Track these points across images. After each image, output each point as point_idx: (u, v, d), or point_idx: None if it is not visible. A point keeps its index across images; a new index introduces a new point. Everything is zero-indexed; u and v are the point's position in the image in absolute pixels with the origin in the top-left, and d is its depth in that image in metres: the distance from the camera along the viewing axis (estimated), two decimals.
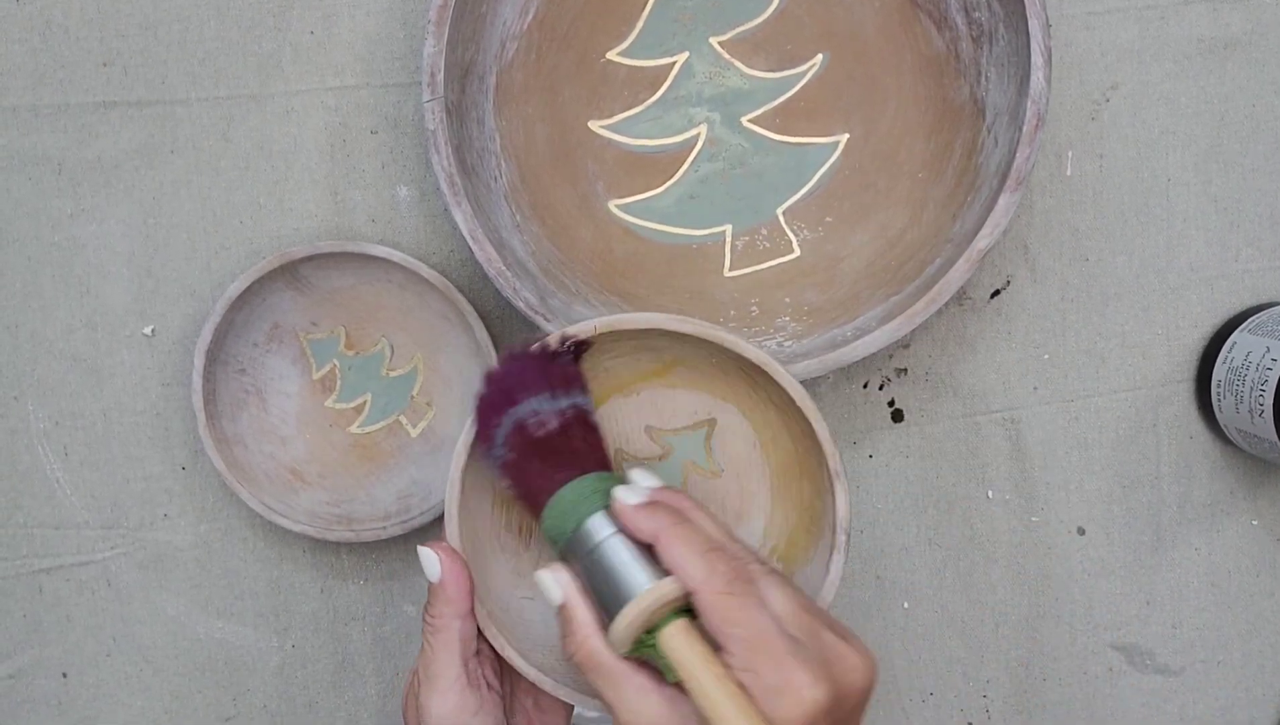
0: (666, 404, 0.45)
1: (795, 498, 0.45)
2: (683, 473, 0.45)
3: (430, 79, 0.48)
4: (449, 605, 0.39)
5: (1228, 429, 0.54)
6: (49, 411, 0.54)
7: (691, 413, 0.45)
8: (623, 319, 0.40)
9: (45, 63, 0.52)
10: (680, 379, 0.44)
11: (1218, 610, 0.57)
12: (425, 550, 0.40)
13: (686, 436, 0.45)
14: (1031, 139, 0.48)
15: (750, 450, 0.45)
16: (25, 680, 0.56)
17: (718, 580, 0.35)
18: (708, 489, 0.46)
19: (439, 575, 0.39)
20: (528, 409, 0.40)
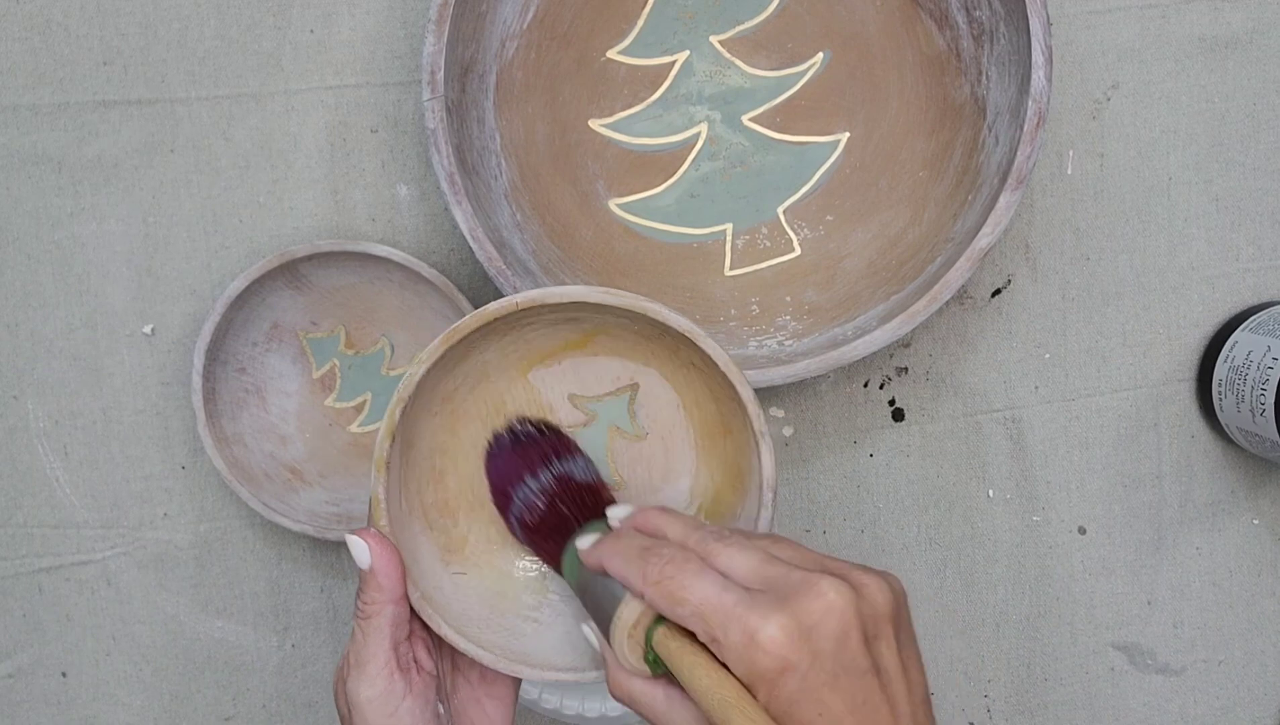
0: (589, 371, 0.44)
1: (720, 456, 0.45)
2: (608, 438, 0.45)
3: (430, 78, 0.48)
4: (380, 592, 0.39)
5: (1229, 428, 0.54)
6: (49, 410, 0.54)
7: (614, 379, 0.45)
8: (545, 293, 0.41)
9: (45, 61, 0.52)
10: (601, 347, 0.44)
11: (1219, 610, 0.57)
12: (354, 538, 0.39)
13: (610, 402, 0.45)
14: (1032, 138, 0.48)
15: (673, 412, 0.45)
16: (25, 679, 0.56)
17: (652, 573, 0.35)
18: (634, 453, 0.45)
19: (369, 562, 0.39)
20: (519, 502, 0.43)
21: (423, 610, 0.41)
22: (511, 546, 0.45)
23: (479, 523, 0.45)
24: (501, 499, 0.44)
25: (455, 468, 0.44)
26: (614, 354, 0.44)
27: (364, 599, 0.39)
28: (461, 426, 0.44)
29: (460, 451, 0.44)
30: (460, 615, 0.42)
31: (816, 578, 0.33)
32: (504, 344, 0.43)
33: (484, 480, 0.44)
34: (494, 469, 0.44)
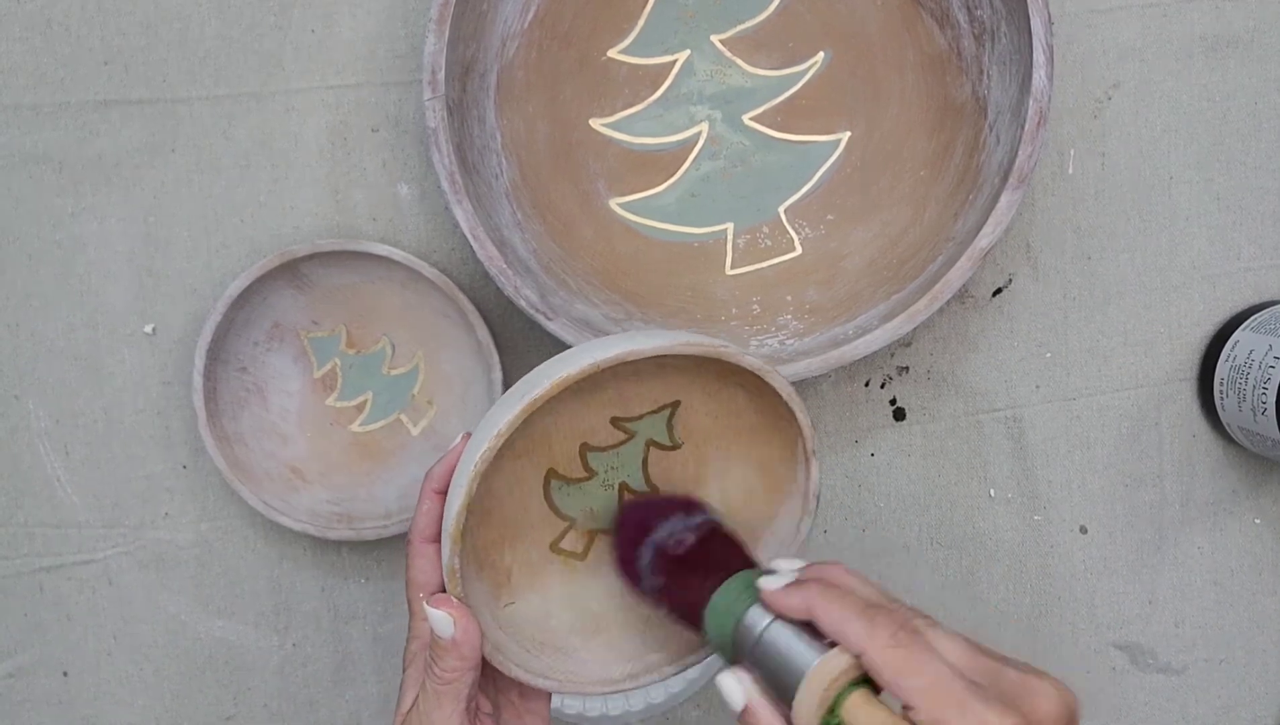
0: (632, 393, 0.45)
1: (755, 461, 0.45)
2: (644, 451, 0.45)
3: (431, 77, 0.48)
4: (462, 660, 0.39)
5: (1230, 427, 0.54)
6: (50, 410, 0.54)
7: (655, 399, 0.45)
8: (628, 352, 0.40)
9: (46, 61, 0.52)
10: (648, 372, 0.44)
11: (1220, 609, 0.57)
12: (436, 612, 0.39)
13: (649, 419, 0.45)
14: (1033, 137, 0.48)
15: (709, 422, 0.45)
16: (26, 679, 0.56)
17: (882, 634, 0.34)
18: (667, 461, 0.46)
19: (452, 634, 0.39)
20: (665, 533, 0.42)
21: (494, 659, 0.41)
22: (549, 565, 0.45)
23: (520, 549, 0.45)
24: (640, 534, 0.42)
25: (500, 504, 0.44)
26: (659, 376, 0.44)
27: (443, 667, 0.39)
28: (507, 463, 0.44)
29: (504, 487, 0.44)
30: (518, 648, 0.42)
31: (1036, 680, 0.33)
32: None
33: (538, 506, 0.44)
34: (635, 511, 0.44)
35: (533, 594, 0.45)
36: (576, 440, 0.45)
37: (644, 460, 0.46)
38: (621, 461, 0.45)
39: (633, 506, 0.44)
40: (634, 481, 0.46)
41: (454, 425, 0.54)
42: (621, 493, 0.45)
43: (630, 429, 0.45)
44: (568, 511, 0.45)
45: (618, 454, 0.45)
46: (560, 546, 0.45)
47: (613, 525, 0.44)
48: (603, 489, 0.46)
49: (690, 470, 0.46)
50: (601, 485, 0.45)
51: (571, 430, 0.45)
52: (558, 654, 0.43)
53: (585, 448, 0.45)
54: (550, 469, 0.45)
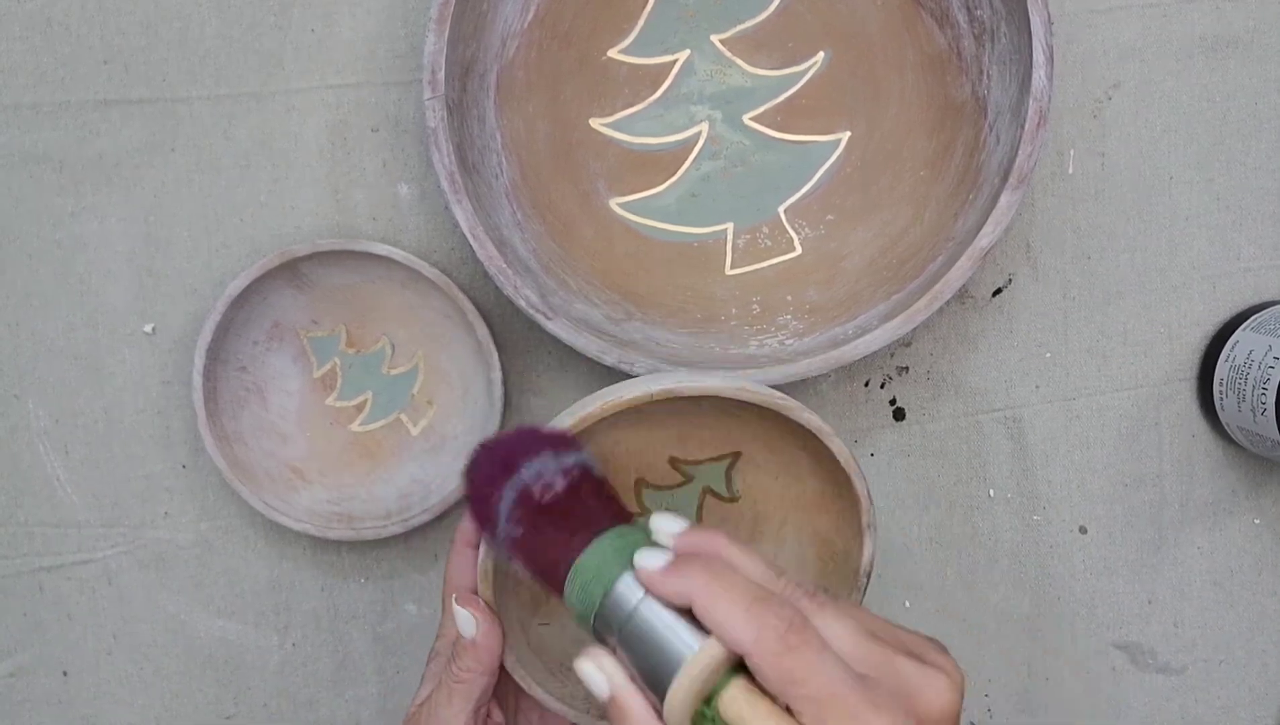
0: (693, 436, 0.44)
1: (810, 529, 0.45)
2: (700, 498, 0.45)
3: (431, 77, 0.48)
4: (479, 663, 0.39)
5: (1230, 427, 0.54)
6: (49, 410, 0.54)
7: (717, 446, 0.44)
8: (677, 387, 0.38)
9: (46, 61, 0.52)
10: (710, 417, 0.43)
11: (1220, 609, 0.57)
12: (462, 610, 0.39)
13: (709, 467, 0.45)
14: (1033, 137, 0.48)
15: (770, 481, 0.45)
16: (26, 678, 0.56)
17: (769, 638, 0.31)
18: (723, 512, 0.45)
19: (474, 634, 0.38)
20: (530, 473, 0.36)
21: (516, 673, 0.40)
22: None
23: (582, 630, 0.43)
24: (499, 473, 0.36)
25: None
26: (721, 422, 0.43)
27: (459, 666, 0.39)
28: None
29: None
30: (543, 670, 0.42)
31: (925, 674, 0.32)
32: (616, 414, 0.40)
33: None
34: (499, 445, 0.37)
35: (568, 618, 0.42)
36: (633, 474, 0.44)
37: (700, 507, 0.45)
38: (677, 504, 0.45)
39: (497, 440, 0.38)
40: None
41: (454, 425, 0.54)
42: None
43: (688, 473, 0.44)
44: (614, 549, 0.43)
45: (673, 496, 0.45)
46: None
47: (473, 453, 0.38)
48: None
49: (745, 526, 0.45)
50: None
51: (628, 463, 0.44)
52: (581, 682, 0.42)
53: (641, 483, 0.44)
54: None
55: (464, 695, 0.39)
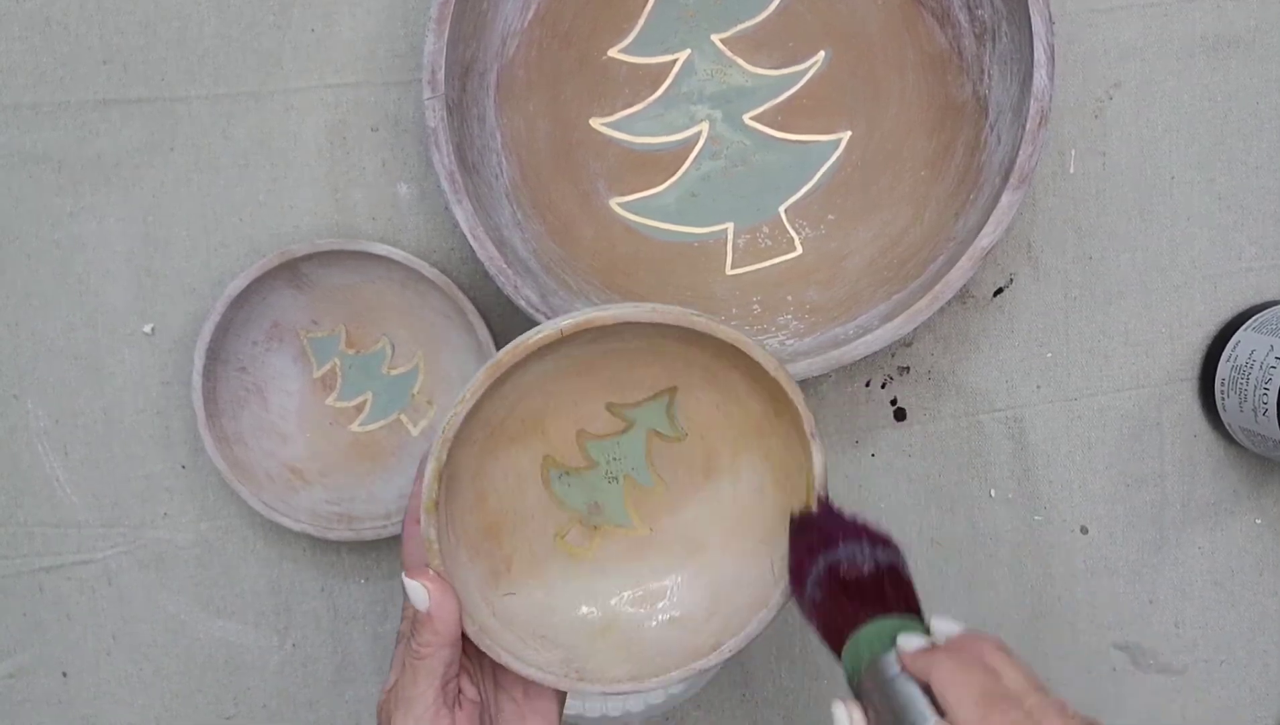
0: (626, 378, 0.43)
1: (763, 453, 0.44)
2: (646, 442, 0.45)
3: (431, 76, 0.48)
4: (436, 635, 0.38)
5: (1231, 428, 0.54)
6: (49, 410, 0.54)
7: (651, 385, 0.44)
8: (589, 318, 0.40)
9: (45, 60, 0.52)
10: (641, 355, 0.43)
11: (1221, 609, 0.57)
12: (412, 583, 0.39)
13: (648, 407, 0.44)
14: (1034, 137, 0.48)
15: (713, 411, 0.44)
16: (25, 679, 0.56)
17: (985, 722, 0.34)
18: (672, 453, 0.45)
19: (427, 606, 0.38)
20: (845, 553, 0.41)
21: (481, 642, 0.40)
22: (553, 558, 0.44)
23: (523, 540, 0.44)
24: (821, 545, 0.41)
25: (495, 489, 0.44)
26: (653, 361, 0.43)
27: (419, 641, 0.39)
28: (500, 447, 0.43)
29: (499, 472, 0.43)
30: (514, 639, 0.42)
31: None
32: (542, 365, 0.42)
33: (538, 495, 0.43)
34: (829, 516, 0.42)
35: (535, 586, 0.44)
36: (573, 427, 0.44)
37: (647, 452, 0.45)
38: (623, 452, 0.45)
39: (827, 514, 0.43)
40: (639, 475, 0.45)
41: None
42: (627, 486, 0.44)
43: (629, 417, 0.44)
44: (571, 503, 0.44)
45: (618, 443, 0.45)
46: (566, 539, 0.45)
47: (799, 519, 0.43)
48: (607, 481, 0.45)
49: (699, 463, 0.45)
50: (605, 477, 0.45)
51: (566, 416, 0.44)
52: (557, 649, 0.42)
53: (583, 435, 0.44)
54: (547, 456, 0.44)
55: (428, 671, 0.38)
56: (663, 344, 0.42)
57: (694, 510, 0.45)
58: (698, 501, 0.45)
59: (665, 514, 0.45)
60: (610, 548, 0.45)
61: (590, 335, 0.40)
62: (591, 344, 0.41)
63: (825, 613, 0.41)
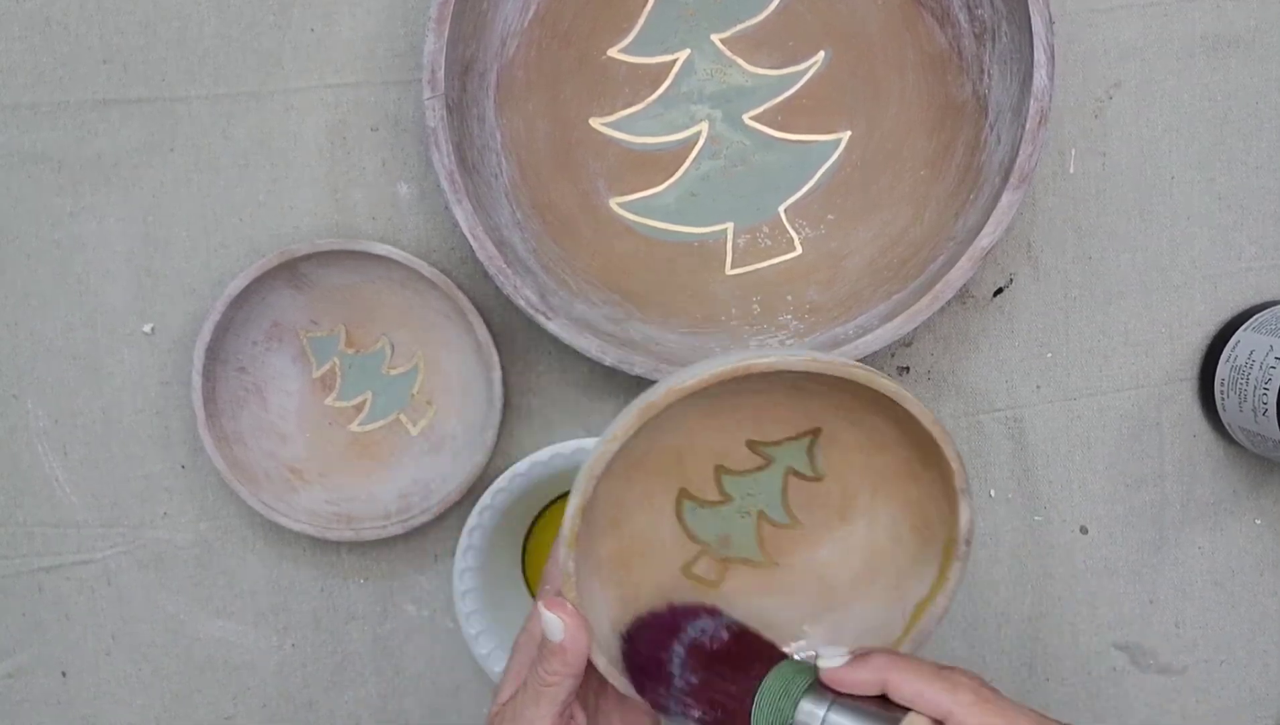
0: (768, 416, 0.43)
1: (903, 500, 0.43)
2: (783, 479, 0.44)
3: (431, 76, 0.48)
4: (566, 666, 0.39)
5: (1231, 428, 0.54)
6: (48, 410, 0.54)
7: (794, 424, 0.43)
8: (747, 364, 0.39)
9: (45, 60, 0.52)
10: (784, 395, 0.43)
11: (1221, 609, 0.57)
12: (548, 614, 0.39)
13: (789, 447, 0.44)
14: (1034, 136, 0.48)
15: (854, 454, 0.44)
16: (25, 679, 0.56)
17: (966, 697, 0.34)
18: (809, 493, 0.44)
19: (560, 638, 0.39)
20: (696, 631, 0.40)
21: (609, 674, 0.40)
22: (680, 590, 0.44)
23: (651, 570, 0.44)
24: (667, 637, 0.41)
25: (629, 518, 0.43)
26: (796, 399, 0.43)
27: (547, 669, 0.39)
28: (638, 479, 0.43)
29: (634, 502, 0.43)
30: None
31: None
32: (686, 402, 0.40)
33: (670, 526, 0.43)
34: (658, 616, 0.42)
35: None
36: (711, 462, 0.44)
37: (783, 489, 0.44)
38: (759, 488, 0.44)
39: (650, 615, 0.42)
40: (773, 512, 0.44)
41: (453, 425, 0.54)
42: (760, 522, 0.44)
43: (768, 455, 0.44)
44: (702, 536, 0.44)
45: (755, 480, 0.44)
46: (693, 571, 0.44)
47: (629, 628, 0.42)
48: (740, 516, 0.44)
49: (834, 504, 0.44)
50: (738, 512, 0.44)
51: (705, 450, 0.44)
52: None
53: (720, 470, 0.44)
54: (682, 489, 0.44)
55: (550, 699, 0.39)
56: (810, 386, 0.42)
57: (826, 551, 0.44)
58: (830, 542, 0.44)
59: (796, 552, 0.44)
60: (738, 582, 0.44)
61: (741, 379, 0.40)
62: (737, 383, 0.41)
63: (708, 690, 0.39)
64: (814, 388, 0.42)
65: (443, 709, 0.56)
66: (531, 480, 0.52)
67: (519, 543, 0.55)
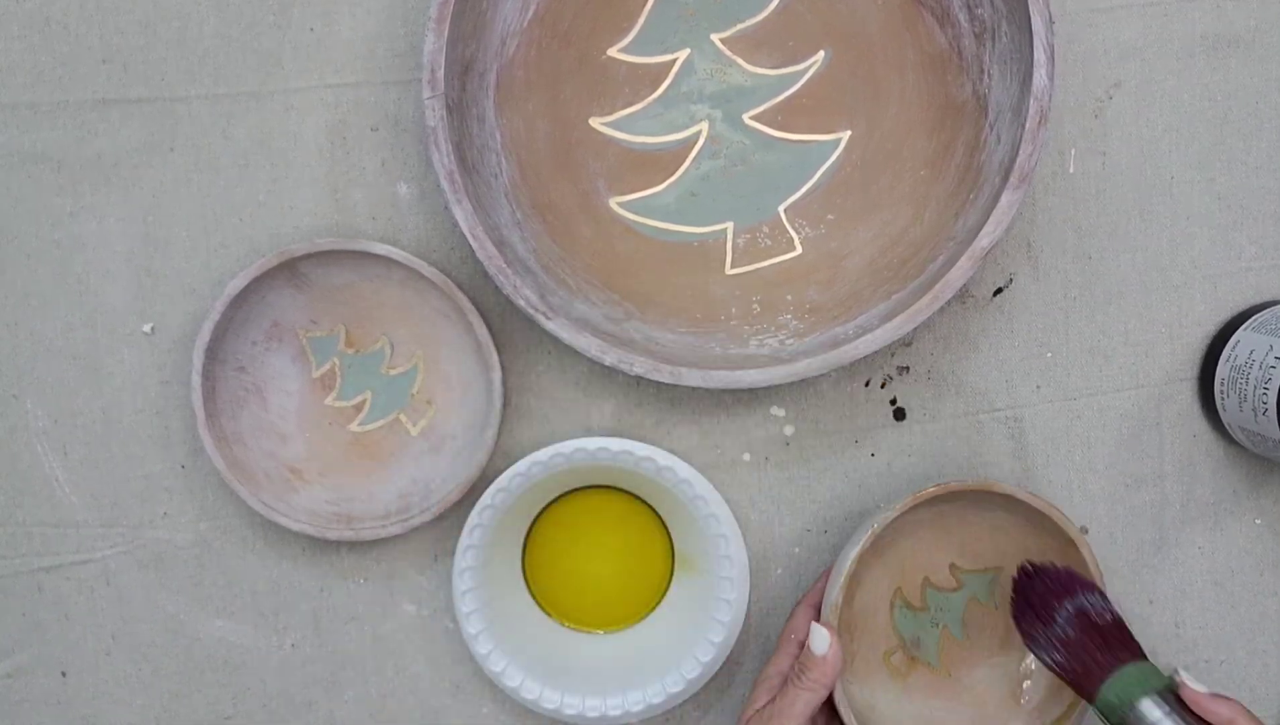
0: (971, 548, 0.53)
1: None
2: (966, 603, 0.53)
3: (431, 76, 0.48)
4: (824, 675, 0.48)
5: (1231, 427, 0.54)
6: (48, 410, 0.54)
7: (986, 559, 0.53)
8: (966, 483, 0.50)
9: (44, 60, 0.52)
10: (984, 531, 0.52)
11: (1221, 609, 0.57)
12: (821, 629, 0.48)
13: (978, 577, 0.53)
14: (1034, 136, 0.48)
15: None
16: (24, 679, 0.56)
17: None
18: (983, 619, 0.53)
19: (825, 652, 0.48)
20: (1093, 599, 0.47)
21: (840, 704, 0.49)
22: (877, 670, 0.53)
23: (863, 644, 0.53)
24: (1066, 589, 0.48)
25: (862, 593, 0.53)
26: (993, 538, 0.53)
27: (809, 677, 0.48)
28: (876, 564, 0.53)
29: (871, 582, 0.53)
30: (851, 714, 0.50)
31: None
32: (921, 513, 0.51)
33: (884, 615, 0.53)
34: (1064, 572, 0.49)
35: (864, 684, 0.52)
36: (920, 573, 0.53)
37: (965, 611, 0.53)
38: (950, 605, 0.53)
39: (1054, 567, 0.49)
40: (954, 628, 0.53)
41: (453, 424, 0.54)
42: (944, 635, 0.53)
43: (961, 579, 0.53)
44: (901, 631, 0.53)
45: (948, 598, 0.53)
46: (891, 659, 0.53)
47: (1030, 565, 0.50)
48: (931, 626, 0.53)
49: (1000, 634, 0.53)
50: (931, 622, 0.53)
51: (920, 561, 0.53)
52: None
53: (926, 583, 0.53)
54: (899, 588, 0.53)
55: (806, 702, 0.47)
56: (1006, 525, 0.52)
57: (986, 671, 0.53)
58: (990, 665, 0.53)
59: (965, 666, 0.53)
60: (918, 680, 0.53)
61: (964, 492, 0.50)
62: (961, 502, 0.51)
63: (1074, 649, 0.46)
64: (1010, 530, 0.52)
65: (443, 709, 0.56)
66: (532, 480, 0.52)
67: (519, 542, 0.55)
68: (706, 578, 0.54)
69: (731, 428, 0.55)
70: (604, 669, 0.55)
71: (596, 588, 0.55)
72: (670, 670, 0.54)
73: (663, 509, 0.55)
